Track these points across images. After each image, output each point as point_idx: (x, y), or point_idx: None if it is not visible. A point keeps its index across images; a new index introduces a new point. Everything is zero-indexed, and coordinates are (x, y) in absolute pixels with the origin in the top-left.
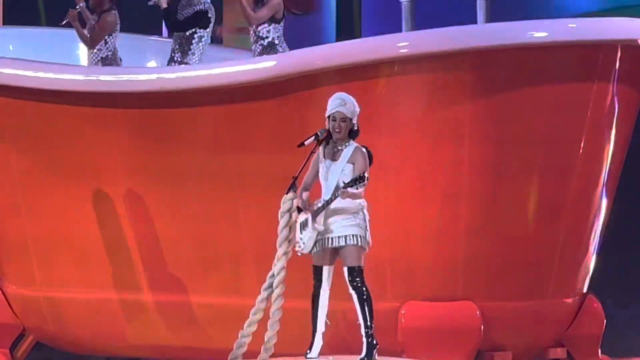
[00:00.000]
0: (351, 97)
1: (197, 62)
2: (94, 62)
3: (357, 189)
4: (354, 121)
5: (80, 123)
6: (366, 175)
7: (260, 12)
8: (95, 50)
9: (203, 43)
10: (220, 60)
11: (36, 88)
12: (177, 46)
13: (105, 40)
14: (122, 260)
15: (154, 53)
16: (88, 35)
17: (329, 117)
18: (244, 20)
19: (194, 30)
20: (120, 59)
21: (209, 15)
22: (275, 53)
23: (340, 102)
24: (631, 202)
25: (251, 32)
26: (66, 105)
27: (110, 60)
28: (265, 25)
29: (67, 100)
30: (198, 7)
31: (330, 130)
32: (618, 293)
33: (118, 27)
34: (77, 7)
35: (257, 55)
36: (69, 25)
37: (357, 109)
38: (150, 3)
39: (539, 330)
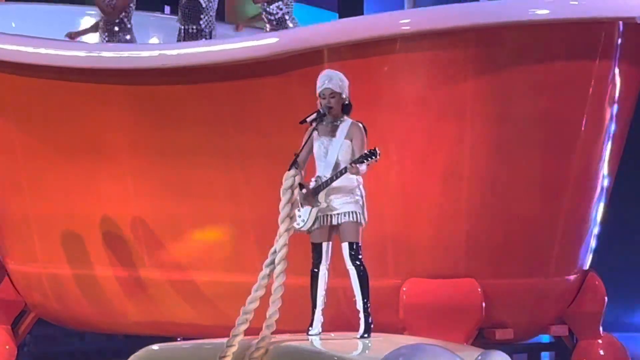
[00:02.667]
0: (338, 72)
1: (212, 31)
2: (112, 38)
3: (366, 166)
4: (344, 95)
5: (82, 100)
6: (378, 150)
7: None
8: (115, 23)
9: (212, 10)
10: (221, 36)
11: (38, 64)
12: (187, 17)
13: (127, 11)
14: (124, 237)
15: (155, 29)
16: (112, 3)
17: (319, 95)
18: (250, 9)
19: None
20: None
21: None
22: (286, 29)
23: (326, 79)
24: (634, 182)
25: (262, 11)
26: (68, 82)
27: (131, 35)
28: (275, 2)
29: (69, 77)
30: None
31: (322, 107)
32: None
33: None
34: None
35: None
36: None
37: (346, 83)
38: None
39: (540, 308)
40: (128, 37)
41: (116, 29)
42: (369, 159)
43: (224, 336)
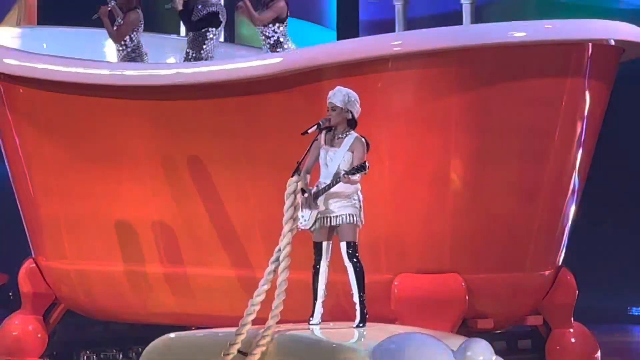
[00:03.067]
0: (348, 89)
1: (209, 57)
2: (121, 56)
3: (358, 176)
4: (349, 112)
5: (106, 113)
6: (367, 164)
7: (264, 15)
8: (122, 45)
9: (214, 41)
10: (233, 56)
11: (67, 81)
12: (192, 44)
13: (130, 36)
14: (143, 236)
15: (172, 50)
16: (115, 30)
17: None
18: (246, 31)
19: (206, 29)
20: (146, 54)
21: (220, 16)
22: (282, 50)
23: (332, 94)
24: (602, 186)
25: (259, 32)
26: (94, 97)
27: (135, 54)
28: (270, 25)
29: (94, 92)
30: (211, 9)
31: (323, 119)
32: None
33: (142, 24)
34: (108, 4)
35: (265, 53)
36: (99, 21)
37: (351, 99)
38: (167, 7)
39: (518, 300)
40: (128, 54)
41: (121, 49)
42: (359, 172)
43: (234, 325)
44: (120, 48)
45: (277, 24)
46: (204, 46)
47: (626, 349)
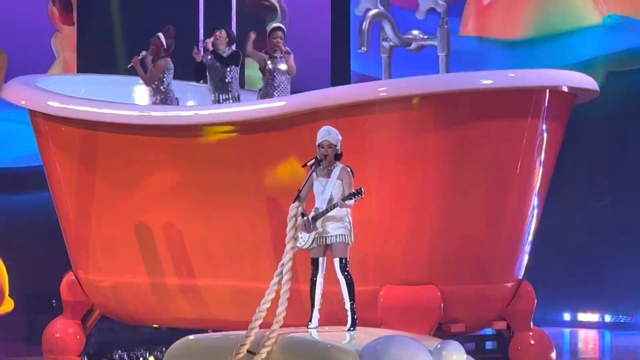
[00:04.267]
0: (335, 128)
1: (236, 93)
2: (153, 99)
3: (354, 201)
4: (338, 147)
5: (134, 148)
6: (362, 190)
7: None
8: (153, 89)
9: (235, 79)
10: (243, 100)
11: (101, 121)
12: (219, 90)
13: (161, 81)
14: (166, 253)
15: (192, 95)
16: (147, 75)
17: (319, 145)
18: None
19: (230, 67)
20: (178, 98)
21: (241, 56)
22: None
23: (326, 133)
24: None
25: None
26: (124, 134)
27: (165, 98)
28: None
29: (125, 130)
30: (233, 51)
31: (320, 155)
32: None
33: (171, 70)
34: (140, 55)
35: None
36: (130, 69)
37: (340, 137)
38: (195, 53)
39: (485, 308)
40: (161, 97)
41: (152, 93)
42: (356, 197)
43: (244, 329)
44: (152, 92)
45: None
46: (230, 88)
47: (577, 349)
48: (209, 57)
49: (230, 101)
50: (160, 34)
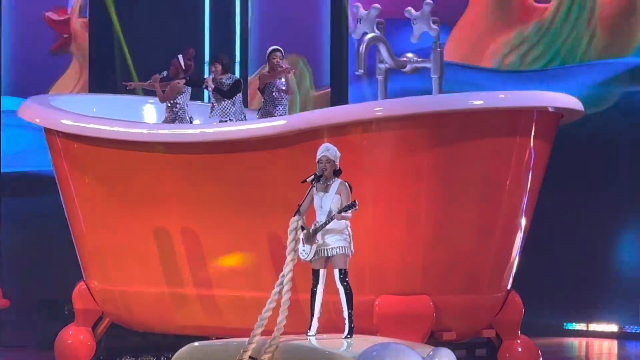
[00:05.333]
0: (333, 146)
1: (242, 117)
2: (165, 117)
3: (350, 213)
4: (336, 163)
5: (144, 164)
6: (356, 203)
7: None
8: (168, 108)
9: (238, 102)
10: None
11: (112, 138)
12: (225, 115)
13: (175, 100)
14: (173, 264)
15: (197, 114)
16: (162, 94)
17: (318, 161)
18: None
19: (235, 95)
20: (191, 117)
21: (241, 82)
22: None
23: (325, 149)
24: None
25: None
26: (134, 151)
27: (178, 117)
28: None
29: (134, 147)
30: (232, 80)
31: (319, 170)
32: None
33: (187, 93)
34: (161, 74)
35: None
36: (132, 90)
37: (338, 154)
38: (204, 88)
39: (475, 316)
40: (171, 117)
41: (167, 108)
42: (351, 209)
43: (246, 336)
44: (166, 110)
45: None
46: (233, 111)
47: (562, 357)
48: (214, 93)
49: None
50: (180, 56)
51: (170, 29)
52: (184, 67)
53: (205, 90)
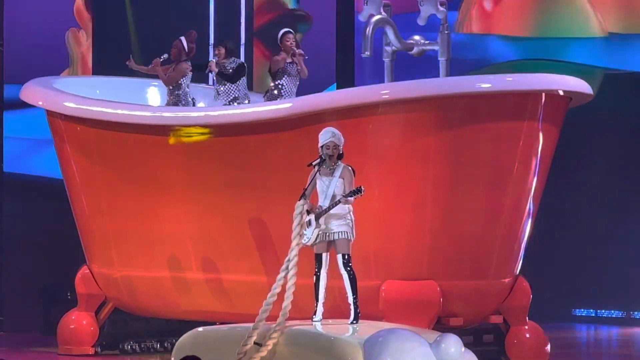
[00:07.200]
0: (337, 130)
1: (247, 100)
2: (168, 100)
3: (355, 198)
4: (341, 147)
5: (147, 147)
6: (362, 188)
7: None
8: (170, 90)
9: (243, 86)
10: (250, 102)
11: (115, 121)
12: (227, 97)
13: (179, 83)
14: (177, 248)
15: (202, 97)
16: (167, 77)
17: (324, 145)
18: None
19: (239, 79)
20: (193, 99)
21: (245, 66)
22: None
23: (331, 134)
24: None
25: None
26: (137, 134)
27: (180, 99)
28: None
29: (138, 130)
30: (235, 63)
31: (324, 155)
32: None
33: (190, 74)
34: (162, 57)
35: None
36: (131, 69)
37: (342, 139)
38: (207, 72)
39: (482, 302)
40: (174, 100)
41: (169, 91)
42: (356, 195)
43: (251, 322)
44: (169, 93)
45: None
46: (238, 93)
47: (570, 343)
48: (217, 76)
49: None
50: (183, 38)
51: (174, 12)
52: (186, 50)
53: (210, 74)
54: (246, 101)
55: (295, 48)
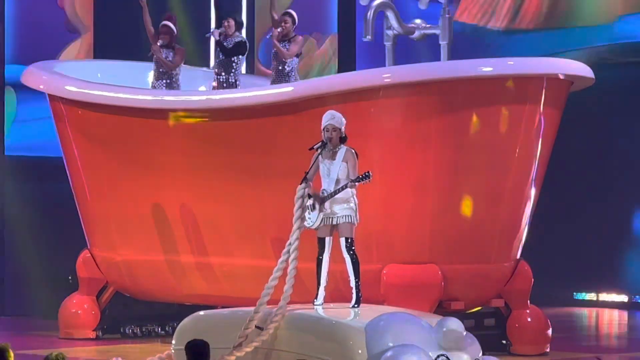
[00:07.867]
0: (339, 113)
1: (237, 78)
2: (157, 82)
3: (363, 182)
4: (342, 130)
5: (148, 131)
6: (370, 174)
7: (292, 49)
8: (160, 72)
9: (240, 65)
10: (253, 85)
11: (116, 105)
12: (223, 67)
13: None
14: (178, 231)
15: (202, 80)
16: (170, 62)
17: (324, 128)
18: None
19: (236, 55)
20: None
21: (246, 45)
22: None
23: (331, 117)
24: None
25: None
26: (138, 117)
27: (171, 82)
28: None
29: (139, 114)
30: (238, 39)
31: (325, 138)
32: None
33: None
34: (159, 43)
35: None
36: (153, 57)
37: (344, 121)
38: (206, 35)
39: (484, 286)
40: (166, 82)
41: (158, 74)
42: (364, 180)
43: (252, 305)
44: (158, 76)
45: (295, 58)
46: (232, 70)
47: (572, 327)
48: (216, 46)
49: (231, 86)
50: (168, 22)
51: None
52: (175, 33)
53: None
54: (237, 78)
55: (291, 31)
